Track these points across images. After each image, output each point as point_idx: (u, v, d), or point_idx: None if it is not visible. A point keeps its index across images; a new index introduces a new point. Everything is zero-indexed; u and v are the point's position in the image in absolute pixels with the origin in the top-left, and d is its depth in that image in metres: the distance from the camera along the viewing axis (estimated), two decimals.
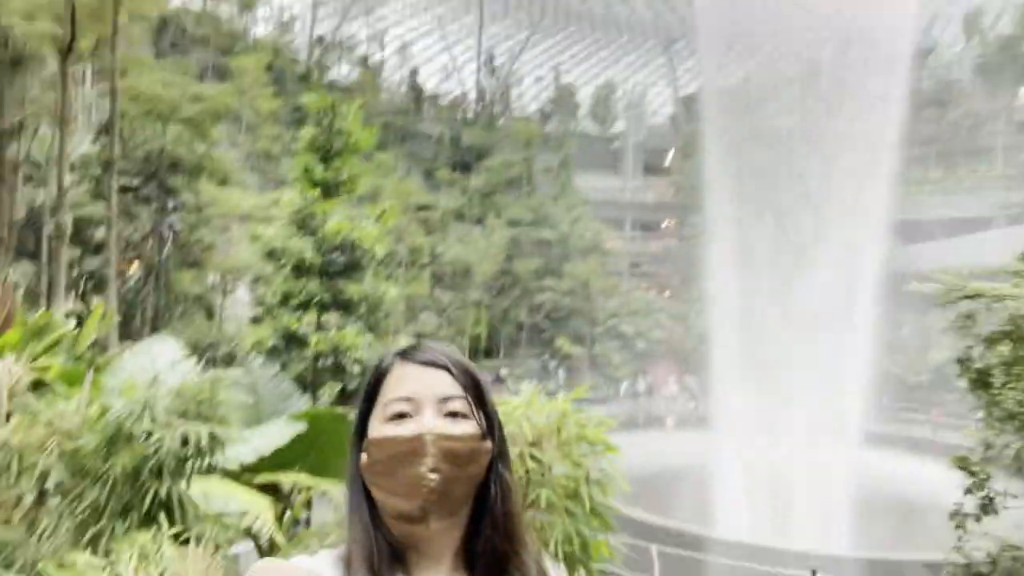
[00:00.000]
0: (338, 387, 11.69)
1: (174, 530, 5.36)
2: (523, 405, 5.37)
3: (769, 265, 23.11)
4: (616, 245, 51.79)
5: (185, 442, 5.79)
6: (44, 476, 5.56)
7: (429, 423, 1.03)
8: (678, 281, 45.88)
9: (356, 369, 11.69)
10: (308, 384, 11.84)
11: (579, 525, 5.22)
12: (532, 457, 5.24)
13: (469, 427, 1.06)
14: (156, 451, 5.65)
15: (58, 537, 5.33)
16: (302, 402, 11.11)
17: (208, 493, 6.92)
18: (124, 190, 23.22)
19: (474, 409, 1.08)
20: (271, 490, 9.34)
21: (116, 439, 5.75)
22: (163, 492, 5.64)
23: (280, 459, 9.70)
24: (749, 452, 20.44)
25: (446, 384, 1.07)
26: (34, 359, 7.39)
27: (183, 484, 5.86)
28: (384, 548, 1.03)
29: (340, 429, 10.49)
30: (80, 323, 11.19)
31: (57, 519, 5.49)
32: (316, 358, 11.82)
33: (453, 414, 1.05)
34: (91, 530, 5.42)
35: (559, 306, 45.00)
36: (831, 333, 21.01)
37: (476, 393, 1.09)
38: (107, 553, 5.09)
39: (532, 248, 45.38)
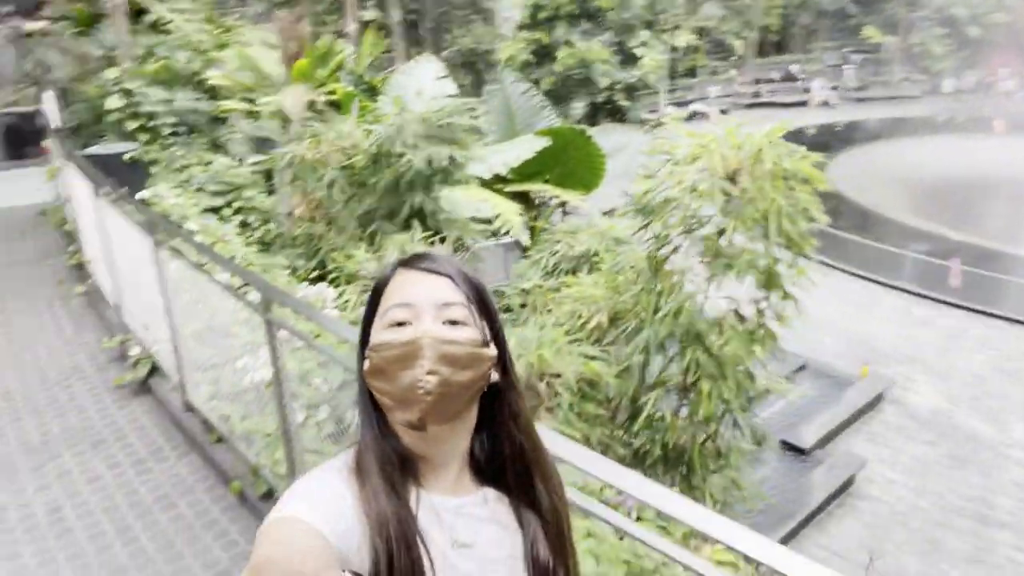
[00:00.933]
0: (586, 102, 12.04)
1: (426, 233, 6.70)
2: (713, 140, 5.46)
3: None
4: None
5: (429, 162, 6.89)
6: (331, 185, 7.11)
7: (427, 327, 1.00)
8: None
9: (604, 82, 11.85)
10: (558, 99, 12.34)
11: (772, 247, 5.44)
12: (725, 192, 5.44)
13: (469, 333, 1.02)
14: (407, 170, 6.84)
15: (344, 234, 6.96)
16: (552, 116, 11.77)
17: (461, 201, 8.22)
18: None
19: (476, 317, 1.04)
20: (522, 198, 10.61)
21: (378, 158, 7.04)
22: (416, 202, 6.93)
23: (529, 170, 10.80)
24: None
25: (447, 291, 1.03)
26: (320, 84, 8.83)
27: (431, 195, 7.09)
28: (393, 456, 1.03)
29: (582, 144, 11.18)
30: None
31: (343, 220, 7.10)
32: (565, 73, 12.12)
33: (453, 322, 1.02)
34: (368, 229, 6.96)
35: None
36: None
37: (479, 301, 1.06)
38: (377, 248, 6.60)
39: None
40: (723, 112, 26.75)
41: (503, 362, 1.09)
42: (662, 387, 5.79)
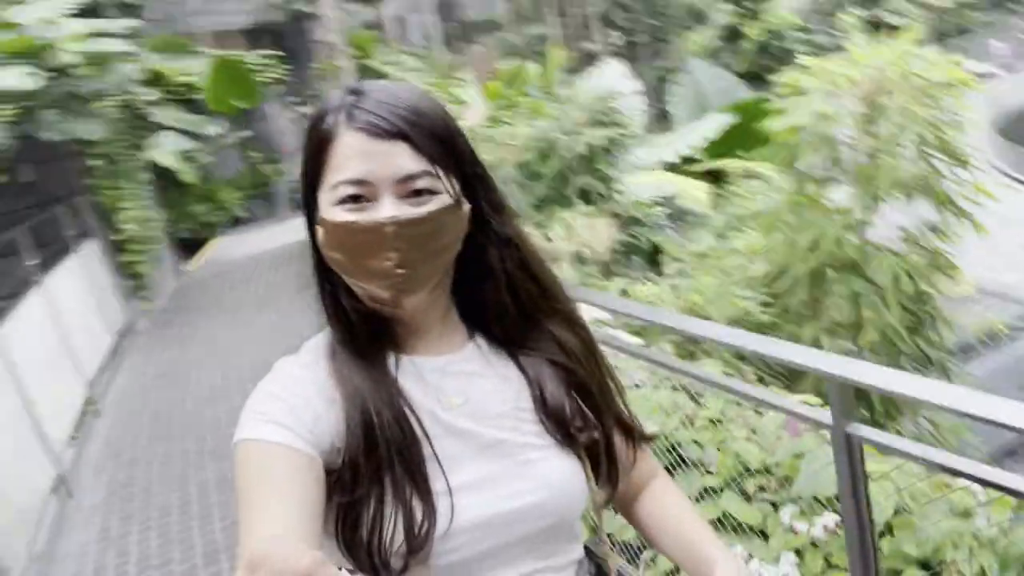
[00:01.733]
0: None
1: (587, 209, 7.29)
2: (845, 63, 5.37)
3: None
4: None
5: (589, 146, 7.50)
6: (505, 182, 8.02)
7: (388, 209, 0.83)
8: None
9: (802, 50, 11.50)
10: (754, 78, 12.14)
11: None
12: (866, 120, 5.30)
13: (436, 203, 0.86)
14: (570, 155, 7.52)
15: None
16: (743, 93, 11.64)
17: (638, 183, 8.67)
18: None
19: (444, 179, 0.86)
20: (712, 176, 10.67)
21: (546, 151, 7.81)
22: (579, 183, 7.56)
23: (720, 149, 10.84)
24: None
25: (406, 160, 0.84)
26: (509, 101, 9.89)
27: (596, 176, 7.67)
28: (362, 327, 0.91)
29: (767, 113, 10.89)
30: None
31: (520, 210, 7.95)
32: (759, 49, 11.93)
33: (417, 192, 0.85)
34: (540, 214, 7.75)
35: None
36: None
37: (443, 157, 0.87)
38: (545, 229, 7.33)
39: None
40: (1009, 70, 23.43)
41: (486, 201, 0.93)
42: (815, 323, 5.69)
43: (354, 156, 0.84)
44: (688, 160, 10.47)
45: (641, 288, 6.01)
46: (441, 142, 0.87)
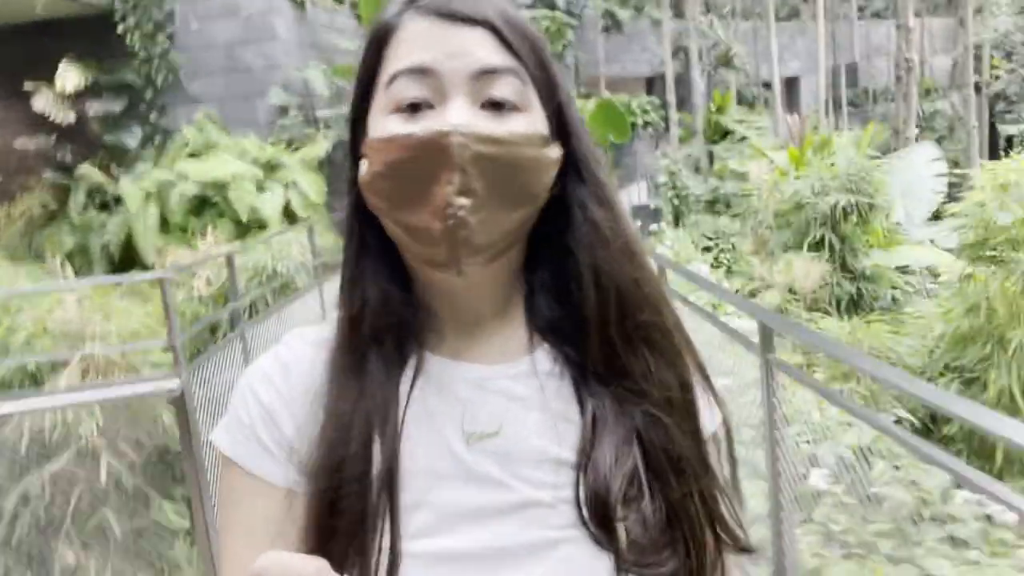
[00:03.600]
0: None
1: (825, 256, 8.99)
2: None
3: None
4: None
5: (833, 206, 9.18)
6: (766, 226, 10.01)
7: (457, 115, 0.58)
8: None
9: None
10: None
11: None
12: None
13: (521, 123, 0.60)
14: (815, 212, 9.28)
15: (770, 260, 9.75)
16: None
17: (896, 252, 9.89)
18: None
19: (532, 92, 0.61)
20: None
21: (798, 204, 9.66)
22: (818, 235, 9.28)
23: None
24: None
25: (487, 49, 0.60)
26: (805, 166, 11.60)
27: (837, 233, 9.27)
28: (399, 307, 0.64)
29: None
30: None
31: (771, 249, 9.92)
32: None
33: (496, 105, 0.60)
34: (784, 254, 9.63)
35: None
36: None
37: (537, 64, 0.62)
38: (771, 262, 9.25)
39: None
40: None
41: (574, 160, 0.64)
42: None
43: (419, 38, 0.60)
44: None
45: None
46: (532, 44, 0.62)
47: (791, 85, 21.76)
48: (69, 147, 10.34)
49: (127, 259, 9.30)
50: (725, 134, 17.20)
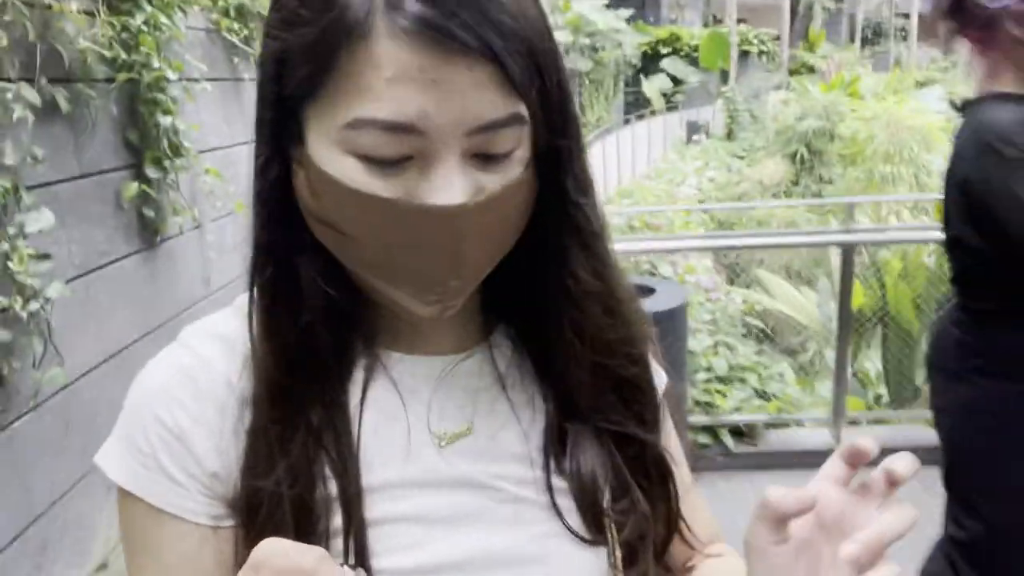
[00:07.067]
0: None
1: (797, 165, 12.88)
2: None
3: None
4: None
5: (807, 130, 12.93)
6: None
7: (456, 188, 0.46)
8: None
9: None
10: None
11: None
12: None
13: (516, 170, 0.49)
14: (794, 132, 13.07)
15: None
16: None
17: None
18: None
19: (530, 126, 0.49)
20: None
21: (788, 126, 13.45)
22: (794, 149, 13.13)
23: None
24: None
25: (491, 94, 0.46)
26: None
27: (809, 148, 13.06)
28: (341, 299, 0.54)
29: None
30: None
31: None
32: None
33: (488, 157, 0.48)
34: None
35: None
36: None
37: (543, 91, 0.49)
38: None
39: None
40: None
41: (572, 176, 0.55)
42: None
43: (399, 80, 0.44)
44: None
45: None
46: (539, 70, 0.48)
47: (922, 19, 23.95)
48: None
49: None
50: (811, 69, 20.55)
